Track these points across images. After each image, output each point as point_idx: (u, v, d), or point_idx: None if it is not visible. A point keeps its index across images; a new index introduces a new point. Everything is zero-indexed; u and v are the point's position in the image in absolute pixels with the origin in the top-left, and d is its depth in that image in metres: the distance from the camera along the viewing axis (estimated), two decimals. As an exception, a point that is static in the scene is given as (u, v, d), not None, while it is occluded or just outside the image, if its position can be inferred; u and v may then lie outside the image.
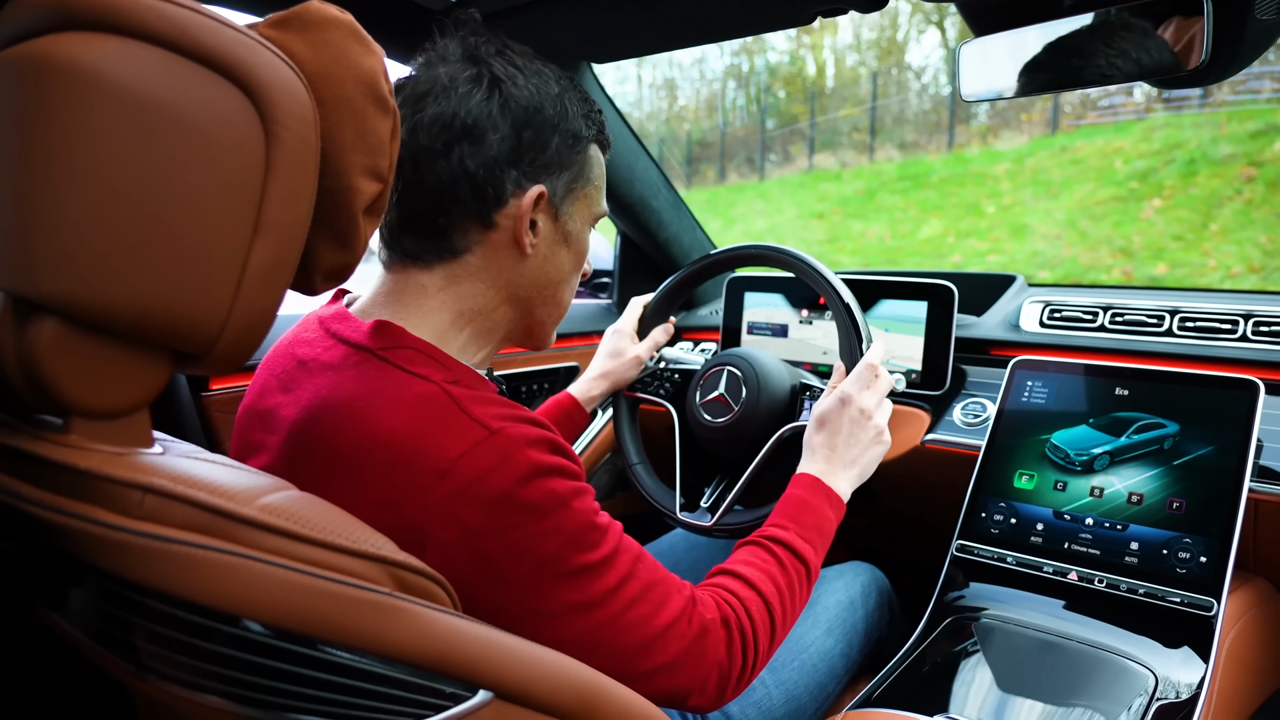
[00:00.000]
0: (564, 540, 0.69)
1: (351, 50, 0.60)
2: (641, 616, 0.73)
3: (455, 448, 0.66)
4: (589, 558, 0.70)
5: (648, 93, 18.45)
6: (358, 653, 0.51)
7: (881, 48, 15.32)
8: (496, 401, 0.72)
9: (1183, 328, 1.27)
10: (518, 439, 0.68)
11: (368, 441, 0.68)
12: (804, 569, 0.92)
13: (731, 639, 0.80)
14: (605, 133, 0.86)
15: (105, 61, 0.48)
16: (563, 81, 0.81)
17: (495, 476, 0.66)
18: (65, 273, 0.48)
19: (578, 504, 0.71)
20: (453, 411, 0.68)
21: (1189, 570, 0.99)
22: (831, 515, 0.98)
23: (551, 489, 0.69)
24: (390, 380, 0.71)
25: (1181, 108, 8.76)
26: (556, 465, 0.70)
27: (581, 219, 0.85)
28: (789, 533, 0.93)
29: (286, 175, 0.54)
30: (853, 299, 1.14)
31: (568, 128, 0.79)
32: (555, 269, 0.84)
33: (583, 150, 0.82)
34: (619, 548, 0.74)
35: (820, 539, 0.95)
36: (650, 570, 0.76)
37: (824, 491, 0.99)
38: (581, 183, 0.83)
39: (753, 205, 12.34)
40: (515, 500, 0.67)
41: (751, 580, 0.86)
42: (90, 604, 0.53)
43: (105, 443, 0.52)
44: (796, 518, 0.95)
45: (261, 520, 0.50)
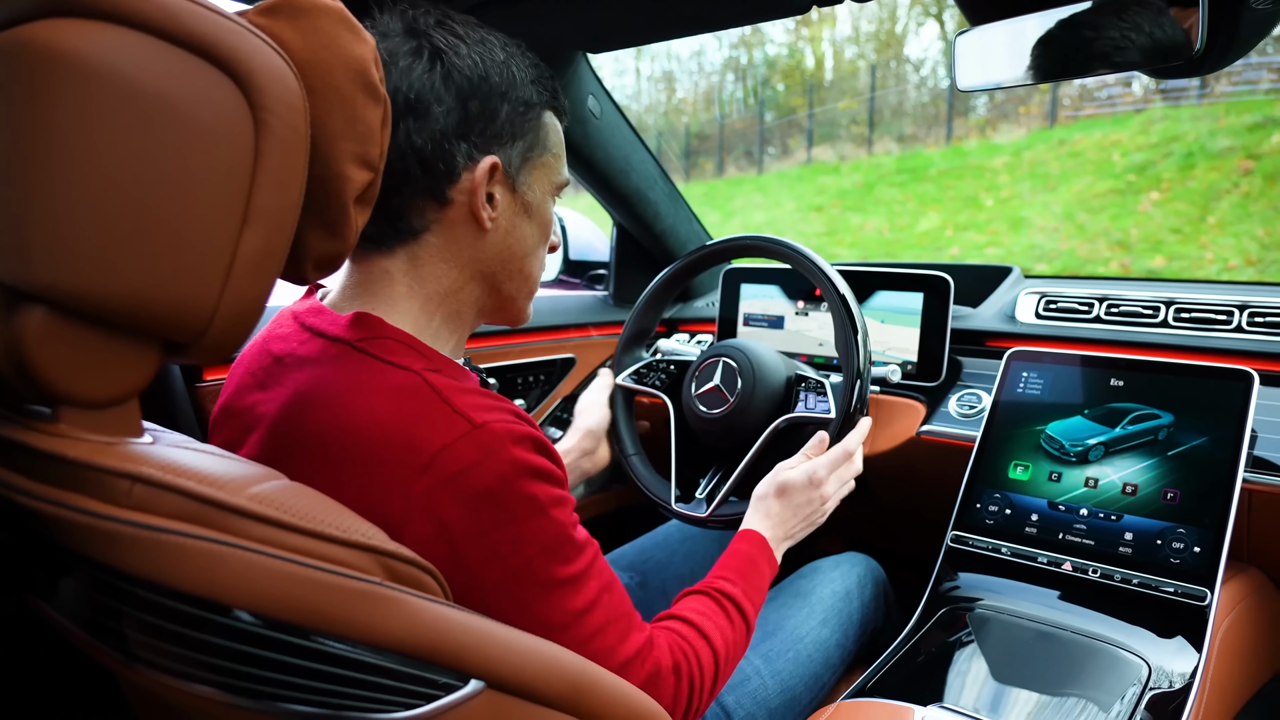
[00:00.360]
0: (539, 548, 0.68)
1: (341, 38, 0.60)
2: (603, 648, 0.72)
3: (437, 440, 0.65)
4: (562, 571, 0.70)
5: (646, 85, 18.41)
6: (348, 642, 0.51)
7: (880, 40, 15.28)
8: (478, 392, 0.70)
9: (1178, 319, 1.27)
10: (502, 434, 0.67)
11: (349, 433, 0.67)
12: (745, 625, 0.93)
13: (679, 685, 0.80)
14: (560, 99, 0.83)
15: (93, 48, 0.48)
16: (509, 48, 0.78)
17: (477, 472, 0.65)
18: (53, 261, 0.48)
19: (556, 513, 0.70)
20: (435, 402, 0.67)
21: (1183, 560, 1.00)
22: (769, 575, 1.00)
23: (532, 493, 0.67)
24: (370, 371, 0.70)
25: (1180, 100, 8.75)
26: (540, 467, 0.69)
27: (542, 189, 0.82)
28: (737, 589, 0.93)
29: (276, 163, 0.54)
30: (848, 290, 1.14)
31: (517, 95, 0.77)
32: (518, 242, 0.82)
33: (535, 117, 0.79)
34: (591, 570, 0.73)
35: (760, 597, 0.97)
36: (617, 603, 0.76)
37: (768, 553, 1.01)
38: (538, 151, 0.80)
39: (751, 198, 12.33)
40: (496, 498, 0.65)
41: (704, 631, 0.86)
42: (80, 594, 0.53)
43: (94, 432, 0.52)
44: (745, 575, 0.96)
45: (251, 509, 0.50)
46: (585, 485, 1.80)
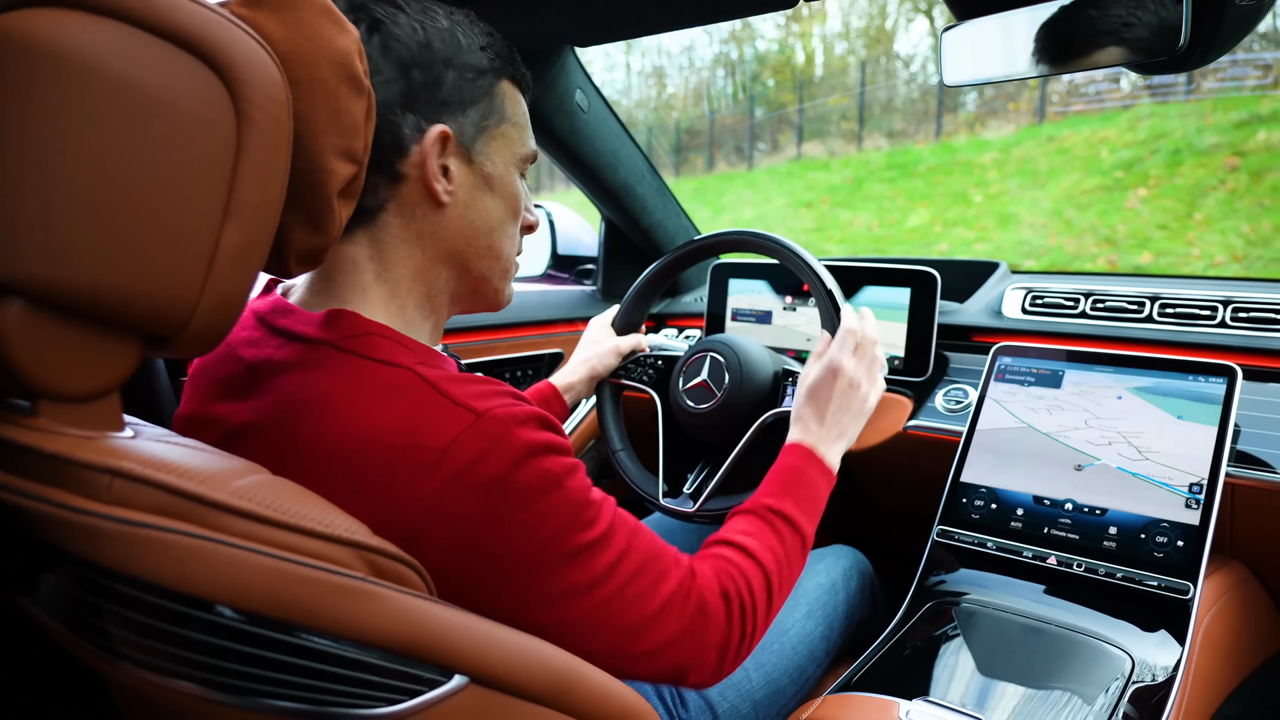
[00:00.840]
0: (561, 520, 0.67)
1: (324, 30, 0.60)
2: (642, 591, 0.72)
3: (443, 436, 0.63)
4: (587, 535, 0.69)
5: (636, 80, 18.40)
6: (332, 638, 0.50)
7: (870, 36, 15.31)
8: (471, 380, 0.69)
9: (1163, 314, 1.28)
10: (506, 419, 0.65)
11: (348, 440, 0.64)
12: (799, 539, 0.91)
13: (731, 611, 0.79)
14: (519, 68, 0.80)
15: (71, 39, 0.47)
16: (455, 15, 0.75)
17: (488, 461, 0.63)
18: (30, 254, 0.47)
19: (571, 482, 0.69)
20: (433, 397, 0.65)
21: (1166, 555, 1.00)
22: (824, 485, 0.98)
23: (546, 468, 0.66)
24: (359, 372, 0.67)
25: (1167, 97, 8.80)
26: (548, 442, 0.67)
27: (503, 160, 0.79)
28: (785, 502, 0.92)
29: (258, 156, 0.54)
30: (834, 284, 1.14)
31: (464, 61, 0.74)
32: (481, 216, 0.78)
33: (488, 84, 0.76)
34: (615, 522, 0.72)
35: (814, 509, 0.95)
36: (648, 543, 0.75)
37: (816, 461, 0.98)
38: (494, 120, 0.77)
39: (741, 194, 12.34)
40: (511, 484, 0.64)
41: (751, 550, 0.85)
42: (61, 590, 0.53)
43: (74, 426, 0.52)
44: (791, 488, 0.94)
45: (233, 504, 0.49)
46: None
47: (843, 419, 1.03)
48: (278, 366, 0.70)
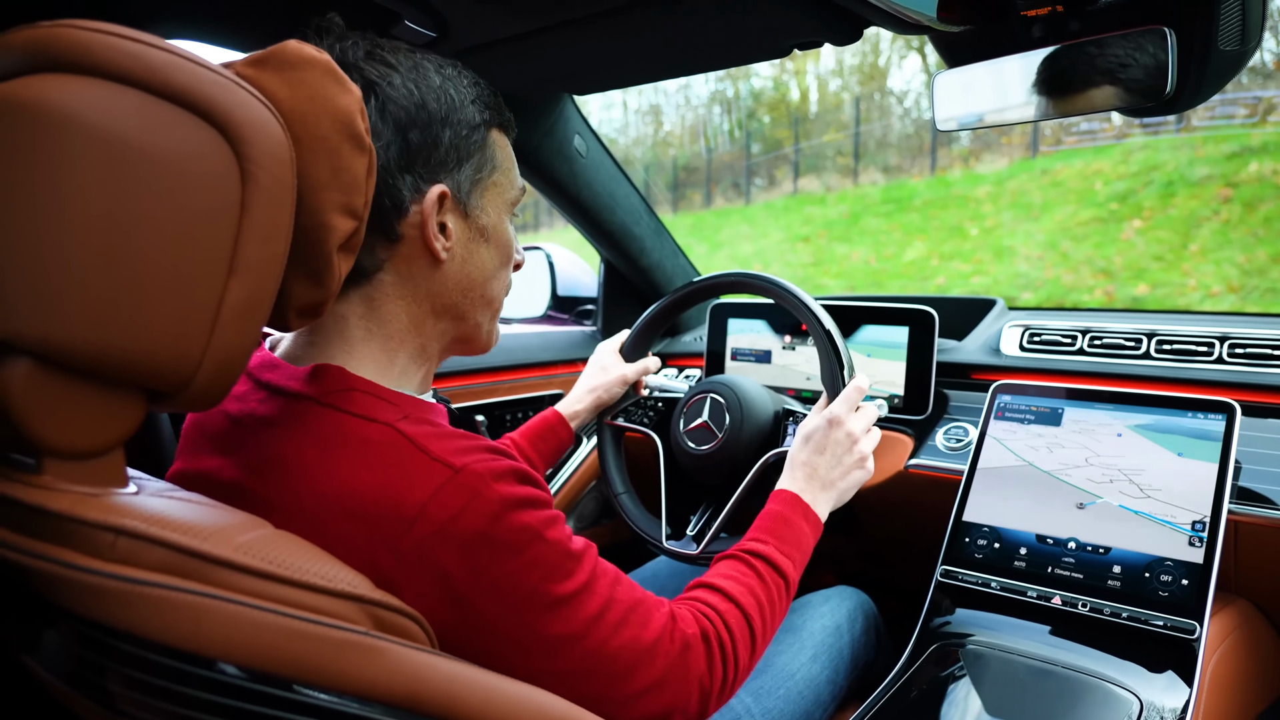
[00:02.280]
0: (542, 573, 0.67)
1: (328, 89, 0.61)
2: (628, 639, 0.72)
3: (420, 491, 0.64)
4: (568, 587, 0.69)
5: (633, 118, 18.59)
6: (334, 693, 0.50)
7: (864, 73, 15.50)
8: (453, 435, 0.69)
9: (1160, 350, 1.28)
10: (483, 474, 0.65)
11: (328, 496, 0.64)
12: (783, 582, 0.91)
13: (711, 653, 0.80)
14: (505, 113, 0.81)
15: (80, 103, 0.48)
16: (445, 70, 0.75)
17: (466, 517, 0.64)
18: (39, 313, 0.48)
19: (551, 534, 0.69)
20: (411, 453, 0.65)
21: (1171, 593, 1.00)
22: (809, 533, 0.98)
23: (525, 523, 0.67)
24: (340, 427, 0.67)
25: (1159, 131, 8.89)
26: (526, 497, 0.68)
27: (495, 209, 0.80)
28: (768, 546, 0.92)
29: (262, 214, 0.54)
30: (833, 325, 1.15)
31: (459, 119, 0.74)
32: (477, 269, 0.79)
33: (481, 138, 0.77)
34: (596, 572, 0.73)
35: (799, 554, 0.95)
36: (629, 591, 0.75)
37: (802, 509, 0.99)
38: (487, 171, 0.78)
39: (738, 229, 12.41)
40: (490, 539, 0.65)
41: (730, 593, 0.86)
42: (63, 647, 0.52)
43: (79, 483, 0.52)
44: (776, 532, 0.95)
45: (236, 561, 0.50)
46: (576, 522, 1.79)
47: (834, 473, 1.03)
48: (261, 421, 0.70)
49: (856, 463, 1.04)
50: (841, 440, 1.04)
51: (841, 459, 1.04)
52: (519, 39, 1.11)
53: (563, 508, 1.74)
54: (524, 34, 1.10)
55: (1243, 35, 0.88)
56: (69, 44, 0.49)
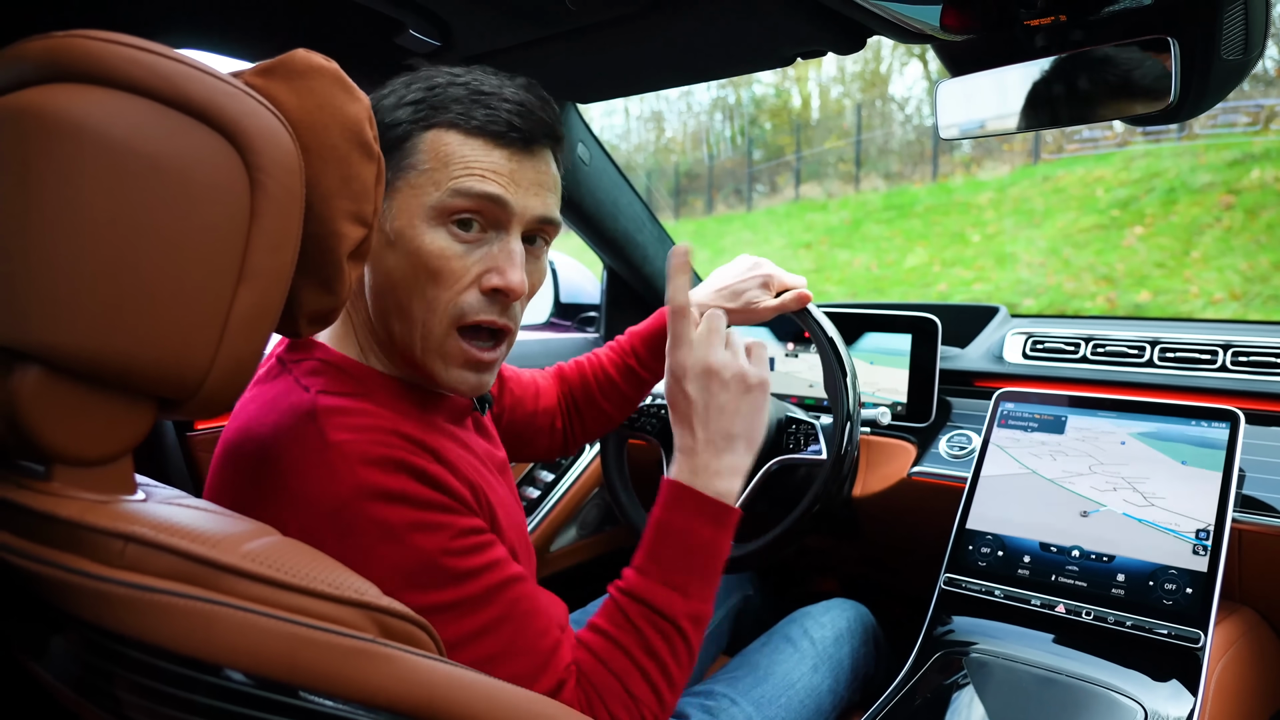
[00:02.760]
0: (386, 574, 0.62)
1: (336, 98, 0.61)
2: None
3: (292, 458, 0.66)
4: (419, 599, 0.63)
5: (635, 125, 18.62)
6: (341, 700, 0.50)
7: (865, 80, 15.53)
8: (374, 414, 0.68)
9: (1163, 358, 1.29)
10: (351, 455, 0.65)
11: (243, 454, 0.69)
12: (668, 624, 0.76)
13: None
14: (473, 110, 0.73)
15: (91, 112, 0.49)
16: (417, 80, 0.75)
17: (320, 492, 0.64)
18: (49, 321, 0.48)
19: (416, 539, 0.65)
20: (306, 423, 0.67)
21: (1175, 602, 1.00)
22: (706, 531, 0.79)
23: (382, 518, 0.64)
24: (281, 393, 0.72)
25: (1160, 138, 8.89)
26: (397, 491, 0.65)
27: (406, 214, 0.73)
28: (648, 579, 0.77)
29: (271, 223, 0.55)
30: (836, 333, 1.15)
31: (378, 123, 0.71)
32: (383, 276, 0.74)
33: (397, 138, 0.74)
34: (477, 599, 0.66)
35: (690, 576, 0.78)
36: (518, 638, 0.68)
37: (693, 502, 0.79)
38: (399, 174, 0.74)
39: (740, 236, 12.43)
40: (339, 522, 0.63)
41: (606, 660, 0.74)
42: (70, 653, 0.53)
43: (88, 490, 0.52)
44: (658, 554, 0.78)
45: (244, 568, 0.50)
46: (579, 529, 1.79)
47: (722, 419, 0.81)
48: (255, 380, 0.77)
49: (741, 389, 0.82)
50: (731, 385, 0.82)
51: (719, 398, 0.82)
52: (523, 47, 1.12)
53: (565, 515, 1.74)
54: (528, 42, 1.10)
55: (1245, 44, 0.88)
56: (81, 54, 0.50)
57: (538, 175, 0.76)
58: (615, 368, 1.15)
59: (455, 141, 0.73)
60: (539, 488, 1.72)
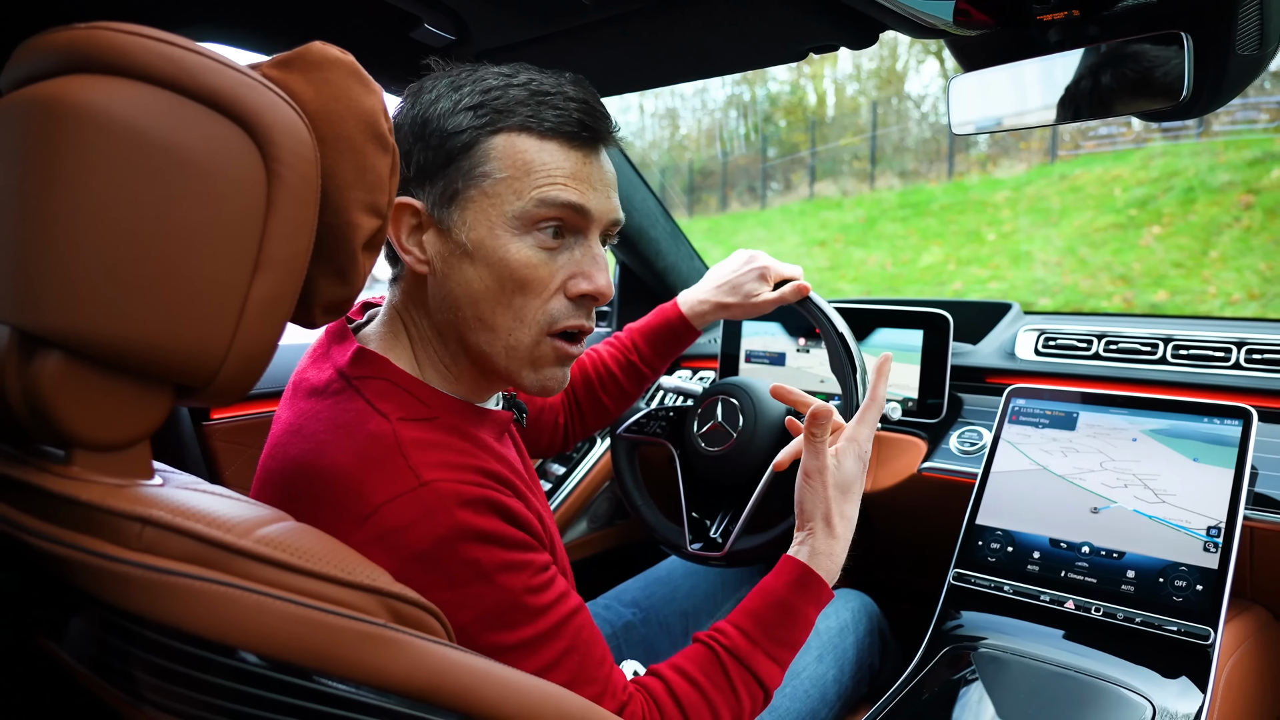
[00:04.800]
0: (477, 614, 0.65)
1: (352, 90, 0.62)
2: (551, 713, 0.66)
3: (383, 493, 0.65)
4: (502, 638, 0.66)
5: (650, 122, 18.59)
6: (352, 683, 0.51)
7: (881, 77, 15.45)
8: (455, 448, 0.69)
9: (1177, 356, 1.28)
10: (447, 495, 0.65)
11: (316, 475, 0.67)
12: (762, 695, 0.81)
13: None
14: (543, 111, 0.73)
15: (112, 103, 0.50)
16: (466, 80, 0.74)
17: (415, 532, 0.64)
18: (71, 308, 0.49)
19: (506, 579, 0.66)
20: (393, 454, 0.66)
21: (1185, 599, 0.99)
22: (813, 615, 0.86)
23: (474, 558, 0.65)
24: (353, 413, 0.70)
25: (1179, 136, 8.82)
26: (488, 531, 0.66)
27: (484, 224, 0.73)
28: (757, 651, 0.80)
29: (288, 212, 0.56)
30: (847, 329, 1.15)
31: (434, 129, 0.73)
32: (460, 286, 0.74)
33: (462, 145, 0.72)
34: (551, 634, 0.69)
35: (789, 653, 0.84)
36: (584, 667, 0.70)
37: (816, 591, 0.86)
38: (471, 181, 0.73)
39: (754, 233, 12.40)
40: (431, 561, 0.64)
41: (688, 707, 0.76)
42: (88, 634, 0.54)
43: (107, 474, 0.53)
44: (771, 629, 0.82)
45: (258, 552, 0.51)
46: (589, 522, 1.80)
47: (853, 505, 0.90)
48: (309, 390, 0.75)
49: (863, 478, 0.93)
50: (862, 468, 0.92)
51: (856, 490, 0.91)
52: (537, 42, 1.12)
53: (576, 509, 1.75)
54: (542, 37, 1.11)
55: (1261, 39, 0.88)
56: (103, 45, 0.50)
57: (606, 175, 0.77)
58: (617, 364, 1.18)
59: (531, 147, 0.73)
60: (550, 481, 1.73)
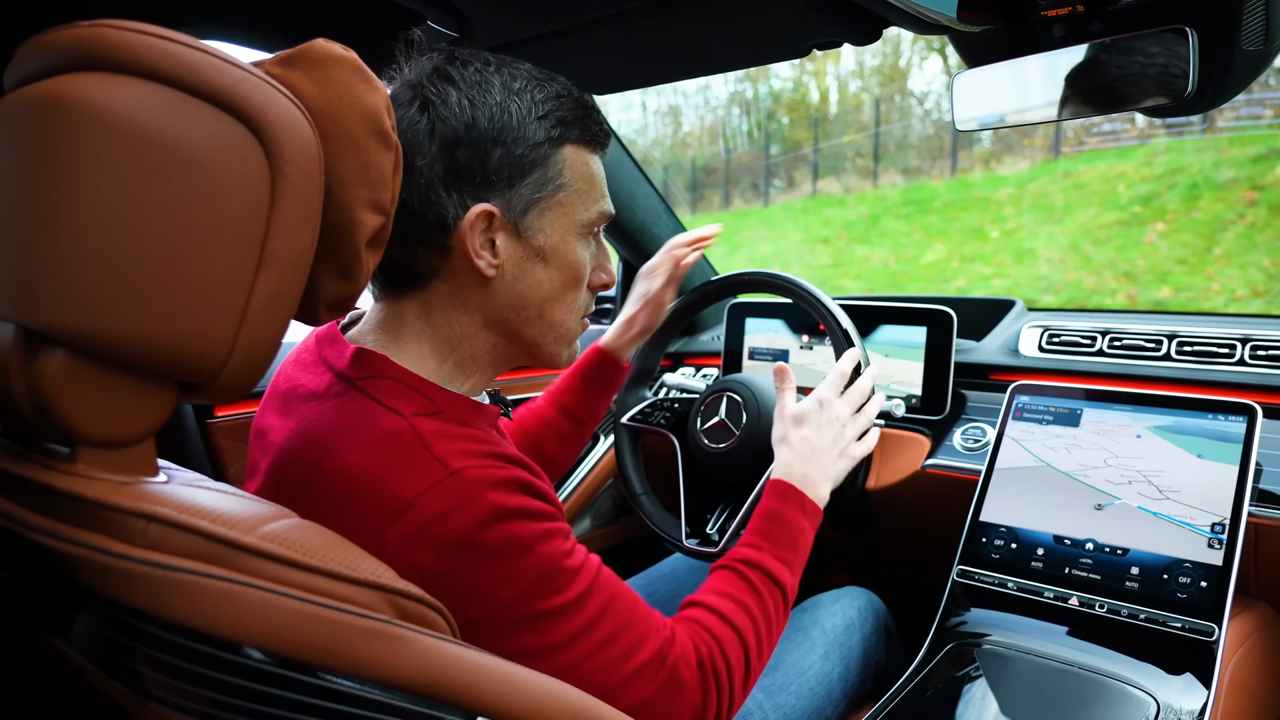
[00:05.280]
0: (524, 585, 0.67)
1: (355, 87, 0.62)
2: (609, 660, 0.71)
3: (413, 486, 0.65)
4: (552, 602, 0.69)
5: (652, 120, 18.59)
6: (357, 680, 0.51)
7: (884, 74, 15.43)
8: (470, 437, 0.70)
9: (1181, 352, 1.28)
10: (479, 480, 0.66)
11: (335, 476, 0.67)
12: (780, 594, 0.89)
13: (706, 682, 0.78)
14: (589, 127, 0.78)
15: (116, 100, 0.50)
16: (518, 83, 0.75)
17: (452, 519, 0.65)
18: (75, 305, 0.49)
19: (544, 548, 0.68)
20: (416, 448, 0.67)
21: (1190, 595, 0.99)
22: (807, 526, 0.96)
23: (514, 534, 0.66)
24: (363, 413, 0.70)
25: (1183, 133, 8.79)
26: (521, 508, 0.68)
27: (559, 230, 0.78)
28: (764, 554, 0.90)
29: (291, 209, 0.56)
30: (851, 325, 1.15)
31: (514, 136, 0.73)
32: (531, 288, 0.78)
33: (543, 155, 0.75)
34: (591, 589, 0.72)
35: (795, 556, 0.93)
36: (626, 611, 0.74)
37: (797, 499, 0.96)
38: (549, 190, 0.76)
39: (757, 231, 12.39)
40: (472, 545, 0.65)
41: (727, 616, 0.84)
42: (94, 630, 0.54)
43: (111, 471, 0.53)
44: (771, 535, 0.92)
45: (262, 548, 0.51)
46: (593, 520, 1.80)
47: (829, 458, 1.02)
48: (309, 394, 0.75)
49: (843, 449, 1.04)
50: (832, 422, 1.04)
51: (836, 442, 1.03)
52: (540, 39, 1.12)
53: (579, 505, 1.75)
54: (545, 34, 1.11)
55: (1266, 35, 0.88)
56: (109, 43, 0.51)
57: None
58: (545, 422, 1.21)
59: (589, 160, 0.80)
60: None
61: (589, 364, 1.23)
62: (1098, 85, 0.91)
